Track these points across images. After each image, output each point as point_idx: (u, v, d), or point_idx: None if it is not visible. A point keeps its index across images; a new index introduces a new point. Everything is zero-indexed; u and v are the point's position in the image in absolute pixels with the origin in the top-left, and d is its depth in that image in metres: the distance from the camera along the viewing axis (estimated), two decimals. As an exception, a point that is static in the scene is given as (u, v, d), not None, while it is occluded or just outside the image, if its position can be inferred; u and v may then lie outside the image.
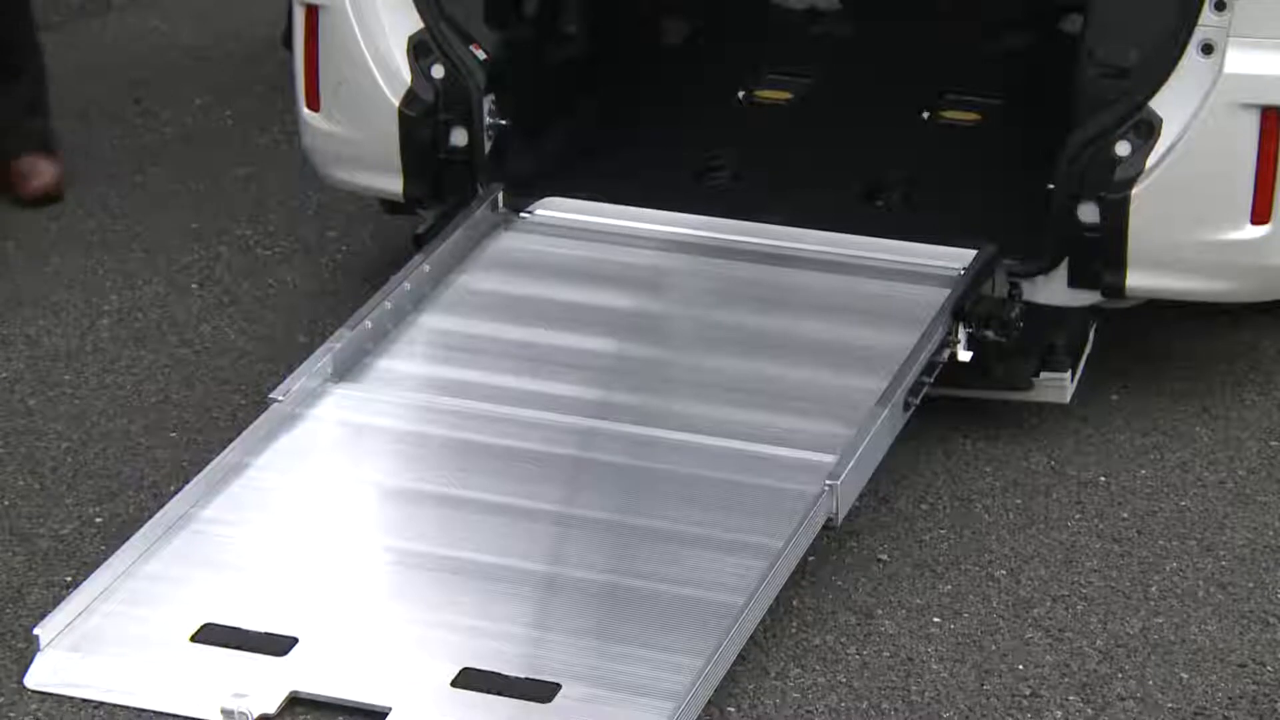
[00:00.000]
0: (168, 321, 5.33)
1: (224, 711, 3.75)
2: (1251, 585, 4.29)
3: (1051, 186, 4.73)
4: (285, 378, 4.48)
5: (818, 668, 4.02)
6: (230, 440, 4.32)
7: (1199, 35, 4.53)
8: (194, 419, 4.85)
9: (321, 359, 4.50)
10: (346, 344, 4.55)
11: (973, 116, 5.50)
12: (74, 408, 4.92)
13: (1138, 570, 4.34)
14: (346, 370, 4.54)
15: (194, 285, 5.52)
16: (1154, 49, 4.61)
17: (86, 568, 4.17)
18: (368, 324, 4.61)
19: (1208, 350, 5.18)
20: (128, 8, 7.73)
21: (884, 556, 4.35)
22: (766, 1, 6.12)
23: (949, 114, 5.52)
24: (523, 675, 3.77)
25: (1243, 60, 4.49)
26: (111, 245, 5.75)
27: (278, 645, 3.85)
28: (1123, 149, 4.62)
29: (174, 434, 4.80)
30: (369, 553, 4.10)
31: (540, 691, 3.73)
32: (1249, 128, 4.51)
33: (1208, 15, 4.52)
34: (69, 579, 4.23)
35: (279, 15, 6.88)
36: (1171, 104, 4.57)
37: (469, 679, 3.77)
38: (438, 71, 5.03)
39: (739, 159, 5.32)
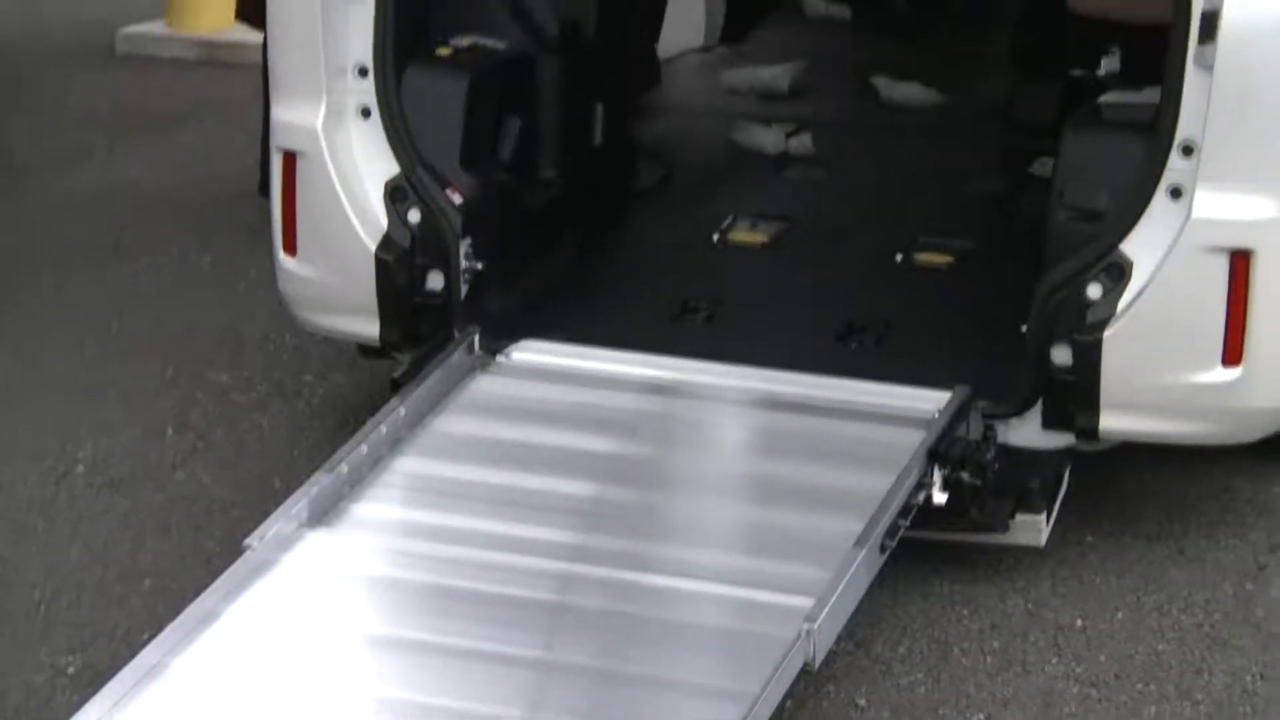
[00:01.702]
0: (142, 468, 5.32)
1: None
2: (1230, 728, 4.29)
3: (1024, 329, 4.75)
4: (260, 524, 4.47)
5: (796, 814, 3.99)
6: (205, 588, 4.30)
7: (1167, 179, 4.57)
8: (168, 567, 4.83)
9: (297, 504, 4.49)
10: (322, 489, 4.54)
11: (946, 259, 5.53)
12: (47, 556, 4.90)
13: (1116, 715, 4.32)
14: (322, 515, 4.53)
15: (169, 431, 5.52)
16: (1124, 193, 4.65)
17: (58, 719, 4.13)
18: (343, 469, 4.60)
19: (1182, 492, 5.19)
20: (107, 156, 7.79)
21: (862, 702, 4.34)
22: (740, 145, 6.18)
23: (922, 257, 5.55)
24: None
25: (1211, 204, 4.53)
26: (86, 391, 5.75)
27: (252, 795, 3.82)
28: (1094, 292, 4.65)
29: (148, 582, 4.77)
30: (346, 702, 4.07)
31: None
32: (1218, 271, 4.54)
33: (1175, 160, 4.56)
34: (41, 729, 4.20)
35: (255, 162, 6.94)
36: (1142, 247, 4.61)
37: None
38: (414, 216, 5.05)
39: (715, 301, 5.34)
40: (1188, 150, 4.54)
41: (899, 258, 5.54)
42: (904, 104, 6.47)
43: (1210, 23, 4.47)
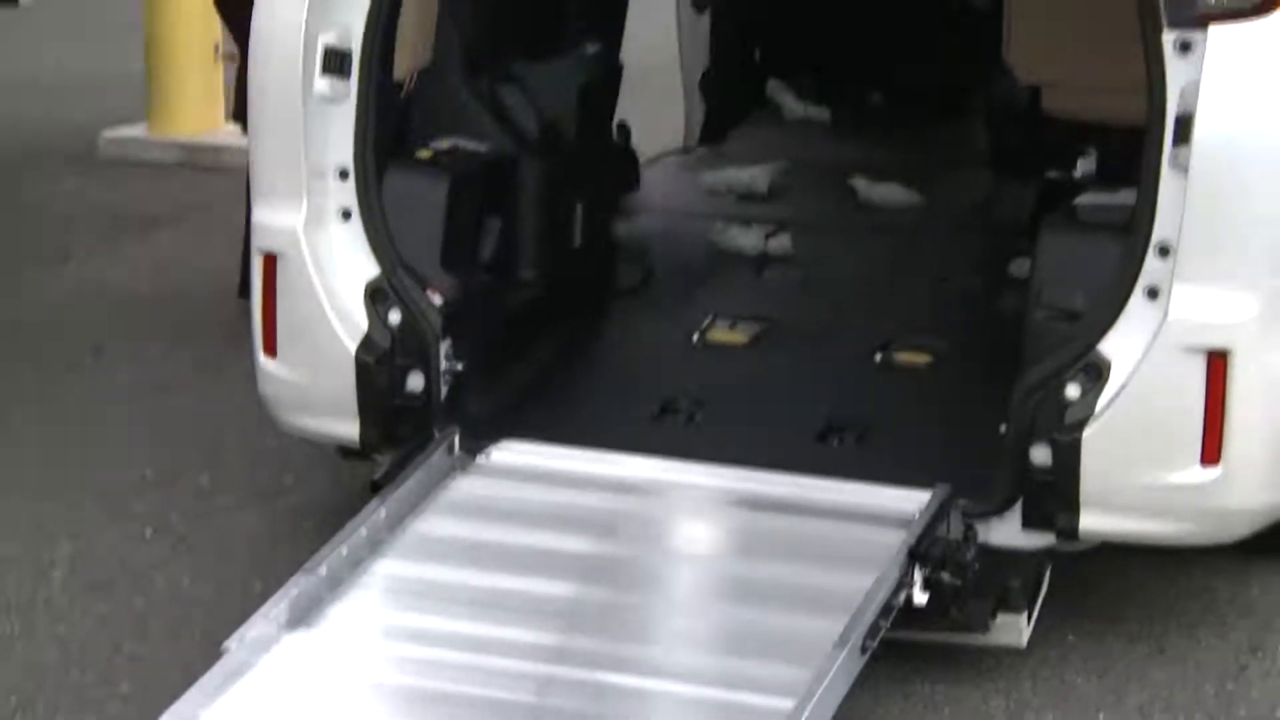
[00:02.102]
0: (121, 570, 5.30)
1: None
2: (1213, 829, 4.27)
3: (1004, 428, 4.76)
4: (239, 626, 4.45)
5: None
6: (183, 691, 4.28)
7: (1144, 280, 4.60)
8: (147, 670, 4.81)
9: (276, 606, 4.47)
10: (302, 591, 4.52)
11: (924, 359, 5.55)
12: (24, 660, 4.87)
13: (1099, 814, 4.31)
14: (302, 618, 4.51)
15: (148, 532, 5.50)
16: (1101, 293, 4.68)
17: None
18: (323, 570, 4.58)
19: (1162, 591, 5.19)
20: (87, 258, 7.81)
21: (844, 803, 4.32)
22: (720, 246, 6.20)
23: (902, 356, 5.57)
24: None
25: (1187, 304, 4.55)
26: (65, 494, 5.74)
27: None
28: (1073, 391, 4.66)
29: (125, 685, 4.75)
30: (323, 804, 4.05)
31: None
32: (1196, 371, 4.56)
33: (1152, 260, 4.59)
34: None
35: (235, 264, 6.95)
36: (1119, 347, 4.63)
37: None
38: (395, 317, 5.06)
39: (695, 401, 5.35)
40: (1164, 251, 4.57)
41: (878, 357, 5.56)
42: (882, 204, 6.50)
43: (1185, 125, 4.51)
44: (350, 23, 5.02)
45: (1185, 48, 4.53)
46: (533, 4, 5.99)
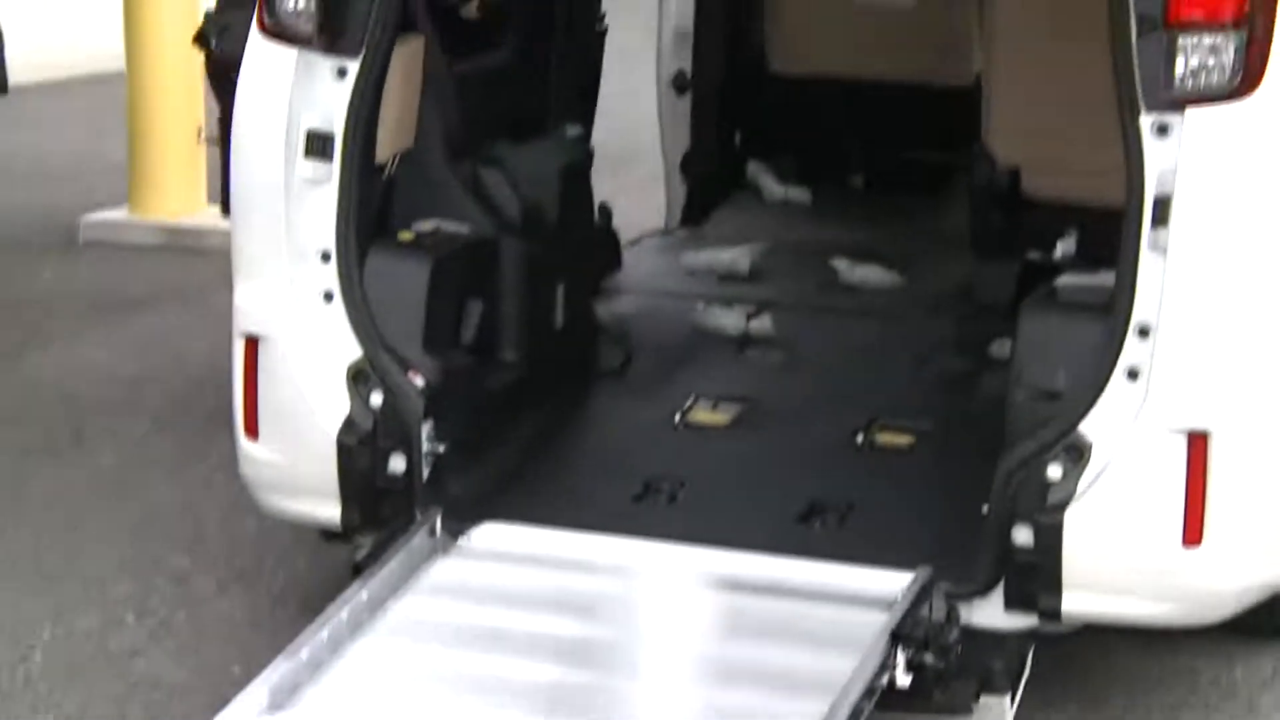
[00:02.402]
0: (101, 655, 5.28)
1: None
2: None
3: (986, 509, 4.76)
4: (220, 711, 4.42)
5: None
6: (163, 776, 4.26)
7: (1125, 361, 4.61)
8: (127, 754, 4.79)
9: (257, 691, 4.44)
10: (283, 676, 4.49)
11: (906, 440, 5.55)
12: (4, 743, 4.86)
13: None
14: (283, 702, 4.48)
15: (129, 617, 5.48)
16: (1082, 374, 4.68)
17: None
18: (304, 654, 4.56)
19: (1146, 672, 5.18)
20: (66, 341, 7.80)
21: None
22: (702, 327, 6.21)
23: (883, 437, 5.57)
24: None
25: (1168, 385, 4.56)
26: (44, 579, 5.72)
27: None
28: (1054, 472, 4.66)
29: (106, 770, 4.73)
30: None
31: None
32: (1177, 452, 4.57)
33: (1132, 342, 4.60)
34: None
35: (217, 346, 6.95)
36: (1101, 428, 4.63)
37: None
38: (376, 399, 5.06)
39: (677, 482, 5.34)
40: (1144, 332, 4.58)
41: (860, 438, 5.56)
42: (863, 285, 6.52)
43: (1163, 207, 4.53)
44: (333, 106, 5.04)
45: (1163, 130, 4.56)
46: (514, 88, 6.02)
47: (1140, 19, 4.56)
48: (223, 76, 7.81)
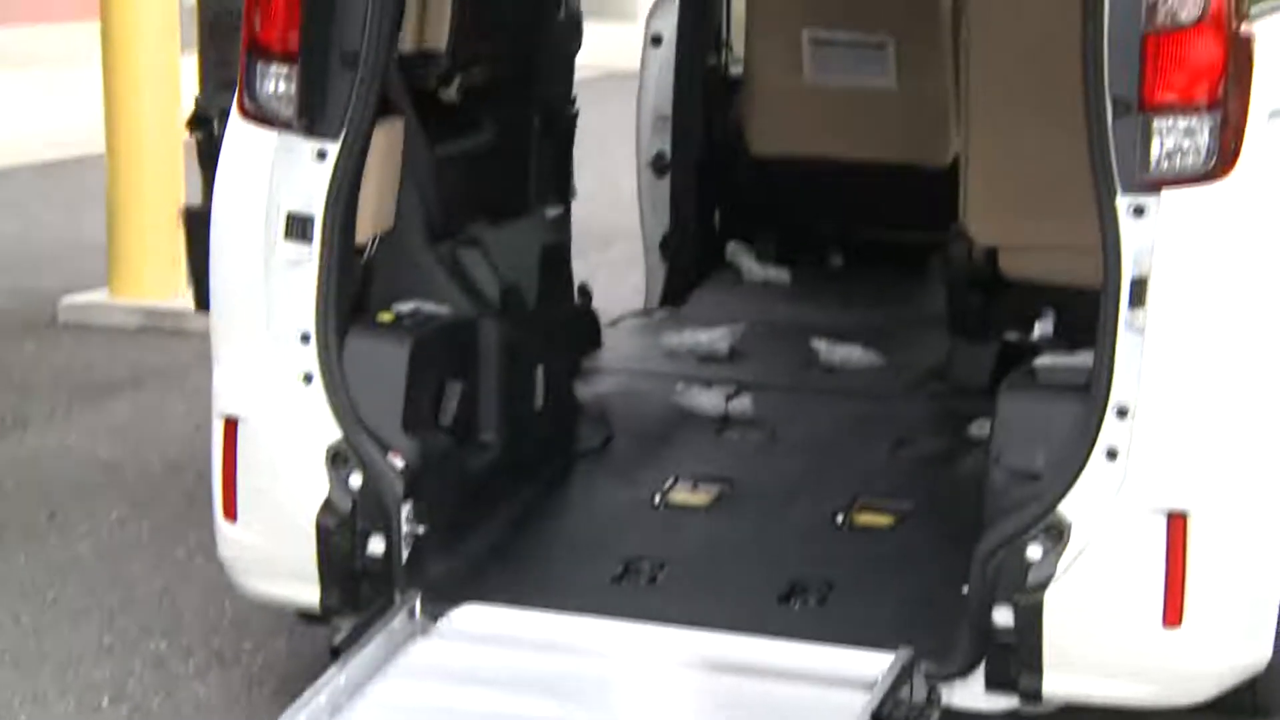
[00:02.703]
0: (78, 739, 5.25)
1: None
2: None
3: (965, 590, 4.76)
4: (197, 795, 4.41)
5: None
6: None
7: (1103, 441, 4.61)
8: (103, 839, 4.75)
9: (235, 775, 4.44)
10: (261, 759, 4.49)
11: (886, 520, 5.55)
12: (-21, 829, 4.82)
13: None
14: (260, 786, 4.47)
15: (104, 701, 5.45)
16: (1061, 454, 4.69)
17: None
18: (282, 739, 4.55)
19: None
20: (43, 424, 7.78)
21: None
22: (681, 407, 6.22)
23: (863, 518, 5.57)
24: None
25: (1147, 466, 4.57)
26: (21, 662, 5.68)
27: None
28: (1034, 552, 4.66)
29: None
30: None
31: None
32: (1157, 532, 4.57)
33: (1111, 422, 4.60)
34: None
35: (194, 428, 6.94)
36: (1080, 509, 4.63)
37: None
38: (355, 481, 5.05)
39: (656, 563, 5.33)
40: (1123, 413, 4.59)
41: (840, 518, 5.56)
42: (843, 366, 6.54)
43: (1140, 288, 4.55)
44: (312, 188, 5.05)
45: (1139, 212, 4.58)
46: (493, 169, 6.04)
47: (1116, 102, 4.59)
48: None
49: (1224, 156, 4.55)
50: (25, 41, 18.09)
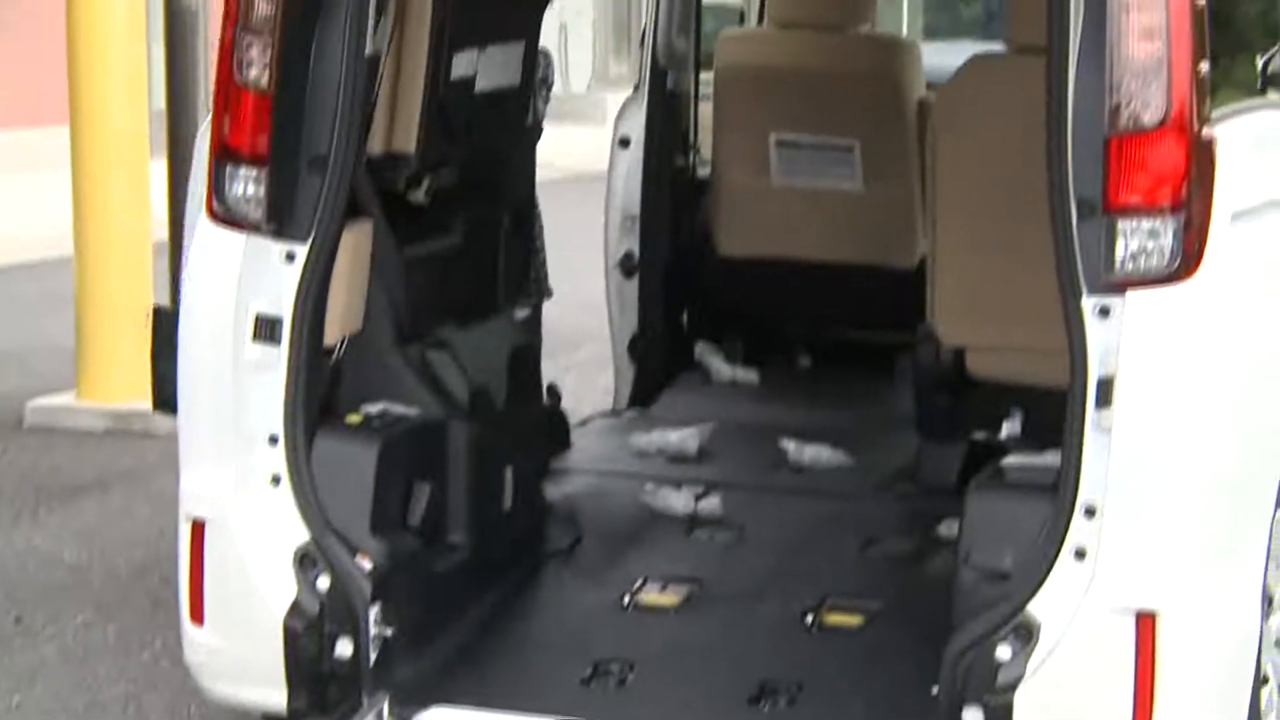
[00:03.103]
0: (39, 847, 5.20)
1: None
2: None
3: (935, 690, 4.75)
4: None
5: None
6: None
7: (1072, 541, 4.61)
8: None
9: None
10: None
11: (856, 620, 5.54)
12: None
13: None
14: None
15: (71, 806, 5.42)
16: (1029, 554, 4.69)
17: None
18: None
19: None
20: (9, 526, 7.75)
21: None
22: (650, 508, 6.22)
23: (833, 618, 5.55)
24: None
25: (1115, 566, 4.57)
26: (-13, 765, 5.65)
27: None
28: (1004, 653, 4.66)
29: None
30: None
31: None
32: (1126, 632, 4.56)
33: (1079, 522, 4.61)
34: None
35: (161, 531, 6.92)
36: (1049, 608, 4.62)
37: None
38: (323, 583, 5.04)
39: (626, 664, 5.31)
40: (1090, 512, 4.60)
41: (809, 619, 5.55)
42: (811, 466, 6.54)
43: (1106, 388, 4.57)
44: (281, 290, 5.06)
45: (1104, 312, 4.61)
46: (462, 271, 6.06)
47: (1080, 203, 4.62)
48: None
49: (1188, 258, 4.58)
50: (-5, 145, 18.14)
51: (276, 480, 5.07)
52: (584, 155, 13.98)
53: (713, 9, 8.13)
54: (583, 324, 9.37)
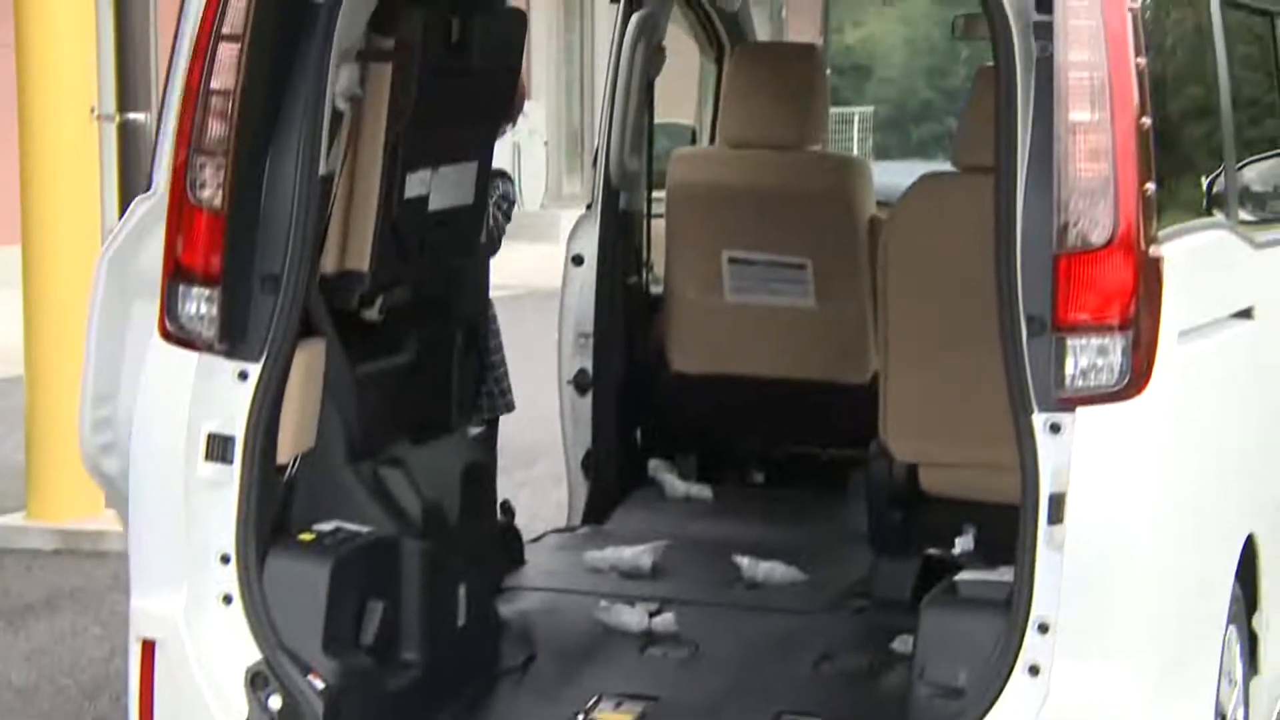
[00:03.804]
0: None
1: None
2: None
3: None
4: None
5: None
6: None
7: (1025, 657, 4.62)
8: None
9: None
10: None
11: (811, 738, 5.53)
12: None
13: None
14: None
15: None
16: (983, 670, 4.69)
17: None
18: None
19: None
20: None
21: None
22: (605, 625, 6.20)
23: (787, 736, 5.55)
24: None
25: (1068, 681, 4.57)
26: None
27: None
28: (958, 768, 4.66)
29: None
30: None
31: None
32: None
33: (1032, 638, 4.62)
34: None
35: (111, 651, 6.85)
36: (1004, 724, 4.64)
37: None
38: (275, 703, 5.01)
39: (580, 785, 5.30)
40: (1044, 628, 4.61)
41: (764, 737, 5.53)
42: (765, 582, 6.53)
43: (1058, 504, 4.59)
44: (233, 409, 5.05)
45: (1055, 429, 4.63)
46: (415, 388, 6.06)
47: (1030, 321, 4.66)
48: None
49: (1137, 375, 4.62)
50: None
51: (228, 599, 5.05)
52: (540, 272, 14.02)
53: (665, 128, 8.17)
54: (538, 439, 9.36)
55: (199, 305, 5.04)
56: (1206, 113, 5.52)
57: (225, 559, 5.04)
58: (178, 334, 5.08)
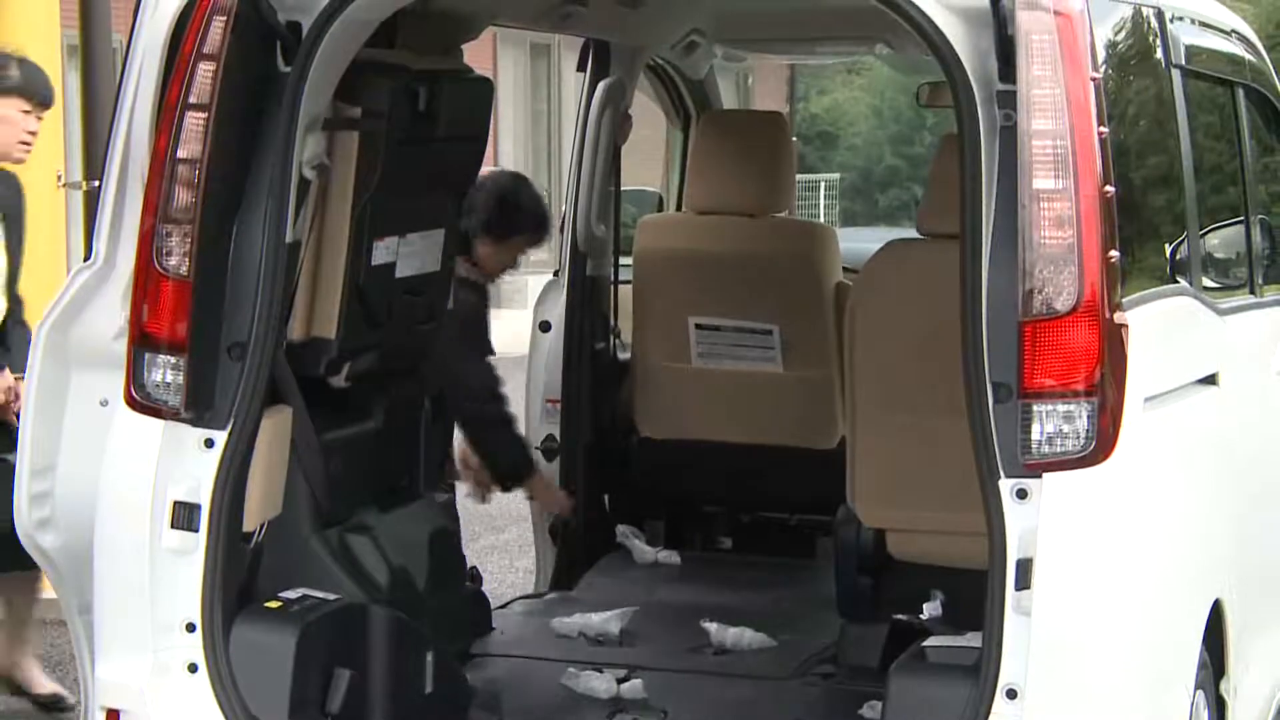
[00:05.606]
0: None
1: None
2: None
3: None
4: None
5: None
6: None
7: (993, 722, 4.63)
8: None
9: None
10: None
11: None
12: None
13: None
14: None
15: None
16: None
17: None
18: None
19: None
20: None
21: None
22: (573, 691, 6.18)
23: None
24: None
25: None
26: None
27: None
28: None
29: None
30: None
31: None
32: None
33: (1000, 704, 4.61)
34: None
35: None
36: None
37: None
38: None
39: None
40: (1012, 694, 4.61)
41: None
42: (734, 648, 6.53)
43: (1025, 570, 4.60)
44: (200, 477, 5.04)
45: (1022, 495, 4.64)
46: (382, 455, 6.05)
47: (996, 387, 4.67)
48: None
49: (1102, 441, 4.63)
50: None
51: (194, 668, 5.02)
52: (509, 338, 14.03)
53: (632, 195, 8.20)
54: (506, 506, 9.35)
55: (165, 373, 5.03)
56: (1169, 181, 5.56)
57: (190, 627, 5.02)
58: (144, 402, 5.06)
